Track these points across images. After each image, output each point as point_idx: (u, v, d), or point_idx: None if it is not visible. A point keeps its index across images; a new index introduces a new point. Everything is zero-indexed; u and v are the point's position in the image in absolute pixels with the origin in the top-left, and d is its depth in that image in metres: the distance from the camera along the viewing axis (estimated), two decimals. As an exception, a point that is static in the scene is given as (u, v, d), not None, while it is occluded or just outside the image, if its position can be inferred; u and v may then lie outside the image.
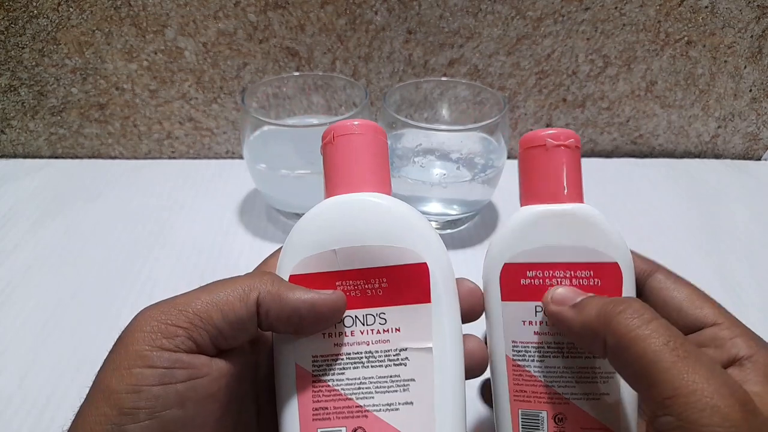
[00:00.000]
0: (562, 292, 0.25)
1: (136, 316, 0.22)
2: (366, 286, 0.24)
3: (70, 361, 0.40)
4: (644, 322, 0.20)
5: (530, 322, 0.26)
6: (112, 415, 0.19)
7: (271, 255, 0.28)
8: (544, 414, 0.25)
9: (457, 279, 0.26)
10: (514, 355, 0.26)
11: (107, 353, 0.21)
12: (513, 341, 0.26)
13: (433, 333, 0.24)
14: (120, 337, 0.21)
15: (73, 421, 0.20)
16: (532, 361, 0.26)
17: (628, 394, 0.25)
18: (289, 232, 0.25)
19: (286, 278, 0.24)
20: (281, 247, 0.27)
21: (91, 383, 0.22)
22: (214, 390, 0.22)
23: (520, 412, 0.26)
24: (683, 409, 0.18)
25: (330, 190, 0.26)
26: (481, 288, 0.27)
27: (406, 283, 0.24)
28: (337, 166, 0.26)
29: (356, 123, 0.26)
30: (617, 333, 0.21)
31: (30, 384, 0.38)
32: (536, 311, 0.26)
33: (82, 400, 0.21)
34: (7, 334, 0.42)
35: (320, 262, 0.24)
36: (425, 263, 0.24)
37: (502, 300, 0.26)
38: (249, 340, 0.24)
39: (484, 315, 0.27)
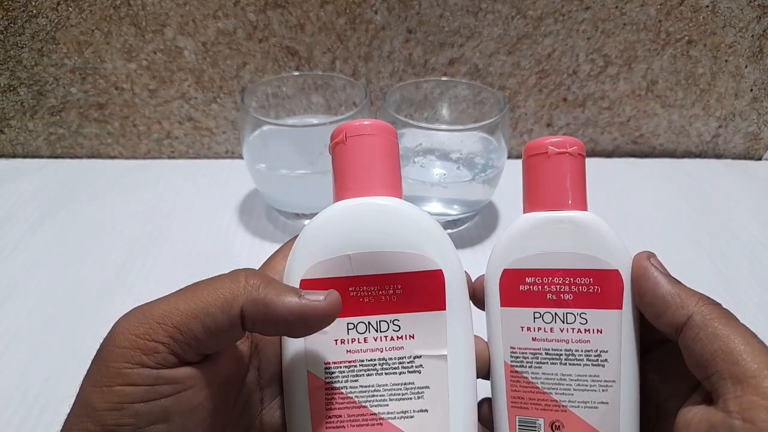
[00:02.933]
0: (659, 260, 0.25)
1: (113, 328, 0.21)
2: (380, 293, 0.24)
3: (70, 361, 0.40)
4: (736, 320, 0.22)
5: (528, 329, 0.26)
6: (95, 431, 0.19)
7: (274, 254, 0.27)
8: (541, 421, 0.25)
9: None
10: (512, 362, 0.26)
11: (89, 365, 0.21)
12: (511, 347, 0.26)
13: (448, 340, 0.24)
14: (99, 350, 0.20)
15: None
16: (530, 367, 0.26)
17: (628, 403, 0.25)
18: (299, 235, 0.25)
19: (297, 283, 0.24)
20: (283, 247, 0.27)
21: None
22: (200, 400, 0.21)
23: (517, 418, 0.26)
24: None
25: (341, 192, 0.25)
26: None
27: (420, 290, 0.24)
28: (349, 168, 0.25)
29: (368, 123, 0.25)
30: (712, 314, 0.22)
31: (30, 384, 0.38)
32: (534, 317, 0.26)
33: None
34: (7, 334, 0.42)
35: (333, 267, 0.24)
36: (440, 270, 0.24)
37: (501, 306, 0.26)
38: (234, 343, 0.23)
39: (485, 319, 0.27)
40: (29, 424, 0.36)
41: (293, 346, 0.24)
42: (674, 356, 0.24)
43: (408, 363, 0.24)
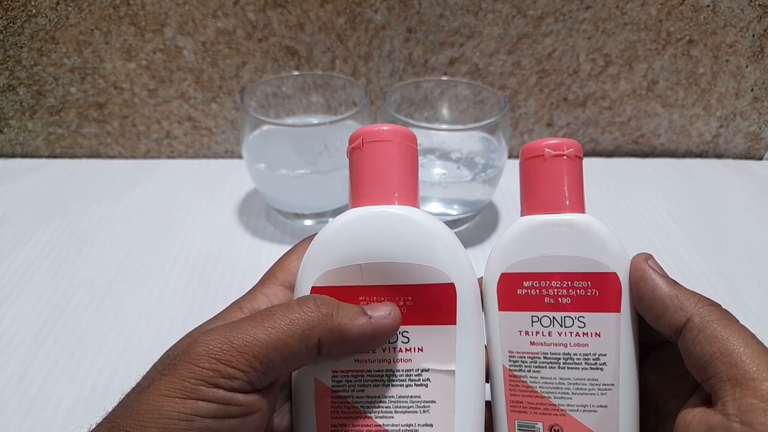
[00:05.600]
0: (657, 262, 0.25)
1: (192, 344, 0.21)
2: None
3: (69, 360, 0.40)
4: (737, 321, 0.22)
5: (527, 332, 0.26)
6: None
7: (288, 254, 0.27)
8: (540, 425, 0.25)
9: None
10: (510, 366, 0.26)
11: (154, 371, 0.21)
12: (510, 351, 0.26)
13: (457, 356, 0.24)
14: (174, 363, 0.21)
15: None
16: (529, 371, 0.26)
17: (628, 406, 0.25)
18: (313, 239, 0.25)
19: (308, 290, 0.24)
20: (297, 246, 0.27)
21: (88, 383, 0.21)
22: (262, 422, 0.22)
23: (516, 422, 0.26)
24: None
25: (356, 199, 0.25)
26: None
27: (431, 303, 0.24)
28: (365, 175, 0.25)
29: (386, 128, 0.25)
30: (711, 315, 0.22)
31: (29, 384, 0.38)
32: (532, 321, 0.25)
33: (81, 400, 0.20)
34: (6, 334, 0.41)
35: (344, 276, 0.24)
36: (453, 284, 0.23)
37: (499, 310, 0.26)
38: None
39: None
40: (29, 424, 0.36)
41: None
42: (673, 358, 0.24)
43: (415, 376, 0.24)
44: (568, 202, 0.26)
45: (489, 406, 0.27)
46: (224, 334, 0.21)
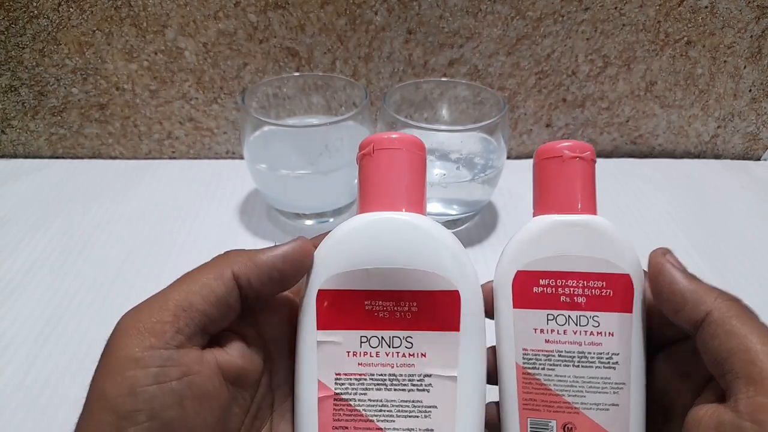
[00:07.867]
0: (675, 256, 0.25)
1: (119, 321, 0.22)
2: (395, 309, 0.24)
3: (70, 361, 0.40)
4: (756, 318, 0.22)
5: (542, 330, 0.26)
6: (110, 420, 0.19)
7: None
8: (553, 423, 0.25)
9: None
10: (524, 363, 0.26)
11: (97, 362, 0.21)
12: (524, 349, 0.26)
13: (460, 362, 0.24)
14: (107, 344, 0.21)
15: None
16: (543, 369, 0.26)
17: (637, 405, 0.25)
18: (320, 245, 0.25)
19: (315, 293, 0.24)
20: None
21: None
22: (209, 388, 0.22)
23: (529, 420, 0.26)
24: None
25: (365, 205, 0.25)
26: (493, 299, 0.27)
27: (436, 310, 0.24)
28: (375, 182, 0.25)
29: (396, 136, 0.26)
30: (730, 311, 0.22)
31: (31, 384, 0.38)
32: (548, 319, 0.26)
33: (82, 400, 0.20)
34: (7, 335, 0.41)
35: (350, 280, 0.24)
36: (457, 291, 0.24)
37: (513, 307, 0.26)
38: (236, 318, 0.24)
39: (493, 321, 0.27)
40: (29, 424, 0.36)
41: (306, 353, 0.24)
42: (682, 358, 0.24)
43: (417, 381, 0.24)
44: (580, 205, 0.26)
45: (496, 404, 0.27)
46: (146, 301, 0.22)
